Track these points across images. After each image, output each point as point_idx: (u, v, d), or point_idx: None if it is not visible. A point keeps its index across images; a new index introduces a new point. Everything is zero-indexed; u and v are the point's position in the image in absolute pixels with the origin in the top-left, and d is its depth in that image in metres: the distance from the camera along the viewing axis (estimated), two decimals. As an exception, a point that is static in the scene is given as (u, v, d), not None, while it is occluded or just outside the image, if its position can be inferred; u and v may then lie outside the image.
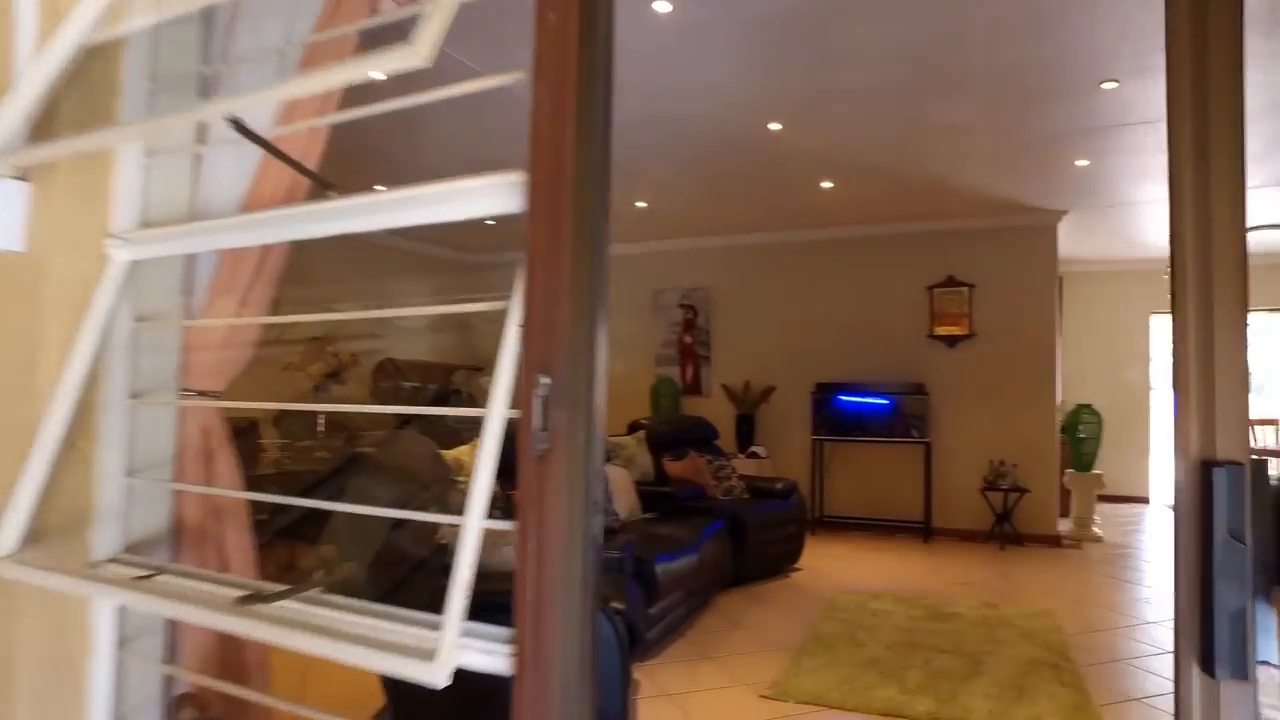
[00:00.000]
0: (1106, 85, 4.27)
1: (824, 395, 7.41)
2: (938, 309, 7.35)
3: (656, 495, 5.30)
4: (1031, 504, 6.85)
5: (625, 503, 5.07)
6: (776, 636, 4.38)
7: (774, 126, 4.94)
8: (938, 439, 7.22)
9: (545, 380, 1.05)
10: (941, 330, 7.33)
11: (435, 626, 1.08)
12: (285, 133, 1.64)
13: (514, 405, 1.09)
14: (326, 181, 1.44)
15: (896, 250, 7.54)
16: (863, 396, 7.29)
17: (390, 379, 8.32)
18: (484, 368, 9.23)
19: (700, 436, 6.41)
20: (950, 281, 7.32)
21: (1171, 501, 0.90)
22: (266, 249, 1.77)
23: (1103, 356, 9.56)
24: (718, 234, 8.08)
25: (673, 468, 5.81)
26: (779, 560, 5.75)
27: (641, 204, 6.95)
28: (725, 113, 4.71)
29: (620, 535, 4.51)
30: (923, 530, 7.10)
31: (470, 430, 5.23)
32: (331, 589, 1.36)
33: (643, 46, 3.88)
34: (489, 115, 4.67)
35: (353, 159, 5.37)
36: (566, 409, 1.06)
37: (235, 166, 1.73)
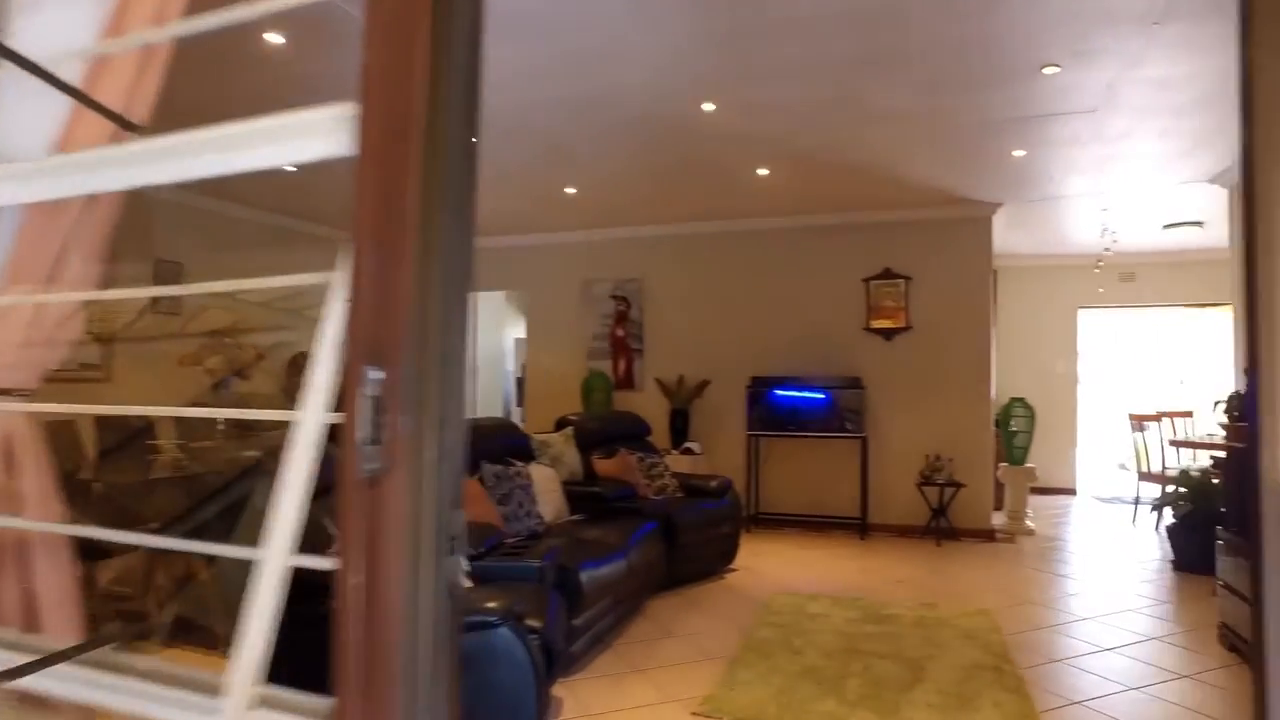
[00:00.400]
0: (1048, 70, 4.14)
1: (759, 389, 7.23)
2: (874, 302, 7.24)
3: (585, 496, 5.02)
4: (967, 498, 6.80)
5: (551, 505, 4.78)
6: (710, 644, 4.15)
7: (708, 107, 4.70)
8: (874, 433, 7.11)
9: (375, 374, 0.76)
10: (878, 323, 7.22)
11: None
12: (112, 50, 1.30)
13: (339, 408, 0.80)
14: (124, 120, 1.13)
15: (833, 242, 7.40)
16: (799, 391, 7.14)
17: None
18: (408, 362, 8.78)
19: (632, 433, 6.15)
20: (887, 274, 7.21)
21: (1245, 523, 0.68)
22: (83, 216, 1.43)
23: (1032, 350, 9.64)
24: (651, 223, 7.83)
25: (602, 466, 5.54)
26: (714, 560, 5.54)
27: (571, 190, 6.65)
28: (657, 87, 4.45)
29: (545, 540, 4.22)
30: (859, 526, 6.98)
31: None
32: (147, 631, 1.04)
33: (570, 7, 3.59)
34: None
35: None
36: (411, 414, 0.77)
37: (38, 109, 1.39)
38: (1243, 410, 5.15)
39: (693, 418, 7.60)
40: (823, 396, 7.07)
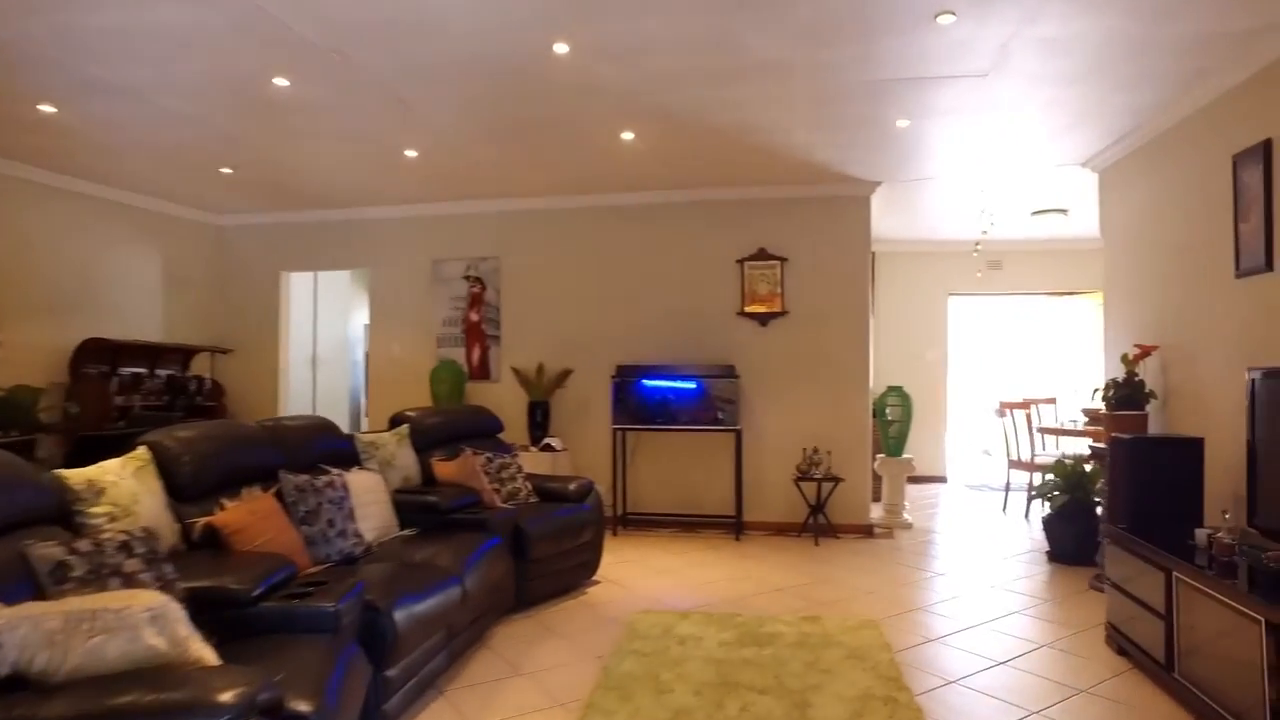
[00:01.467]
0: (943, 19, 3.67)
1: (626, 379, 6.62)
2: (749, 285, 6.76)
3: (418, 507, 4.24)
4: (845, 493, 6.43)
5: (376, 520, 3.96)
6: (563, 683, 3.48)
7: (560, 48, 3.99)
8: (749, 426, 6.64)
9: None
10: (753, 308, 6.75)
11: None
12: None
13: None
14: None
15: (705, 220, 6.86)
16: (669, 380, 6.57)
17: (98, 363, 6.65)
18: (233, 349, 7.68)
19: (481, 430, 5.40)
20: (762, 255, 6.74)
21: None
22: None
23: (905, 337, 9.49)
24: (508, 196, 7.05)
25: (443, 470, 4.76)
26: (573, 574, 4.87)
27: (411, 152, 5.79)
28: (490, 11, 3.70)
29: (361, 568, 3.42)
30: (734, 525, 6.49)
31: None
32: None
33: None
34: None
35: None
36: None
37: None
38: (1124, 397, 4.95)
39: (554, 411, 6.91)
40: (694, 386, 6.53)
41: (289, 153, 5.82)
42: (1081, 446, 8.50)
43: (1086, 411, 7.83)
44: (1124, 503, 4.14)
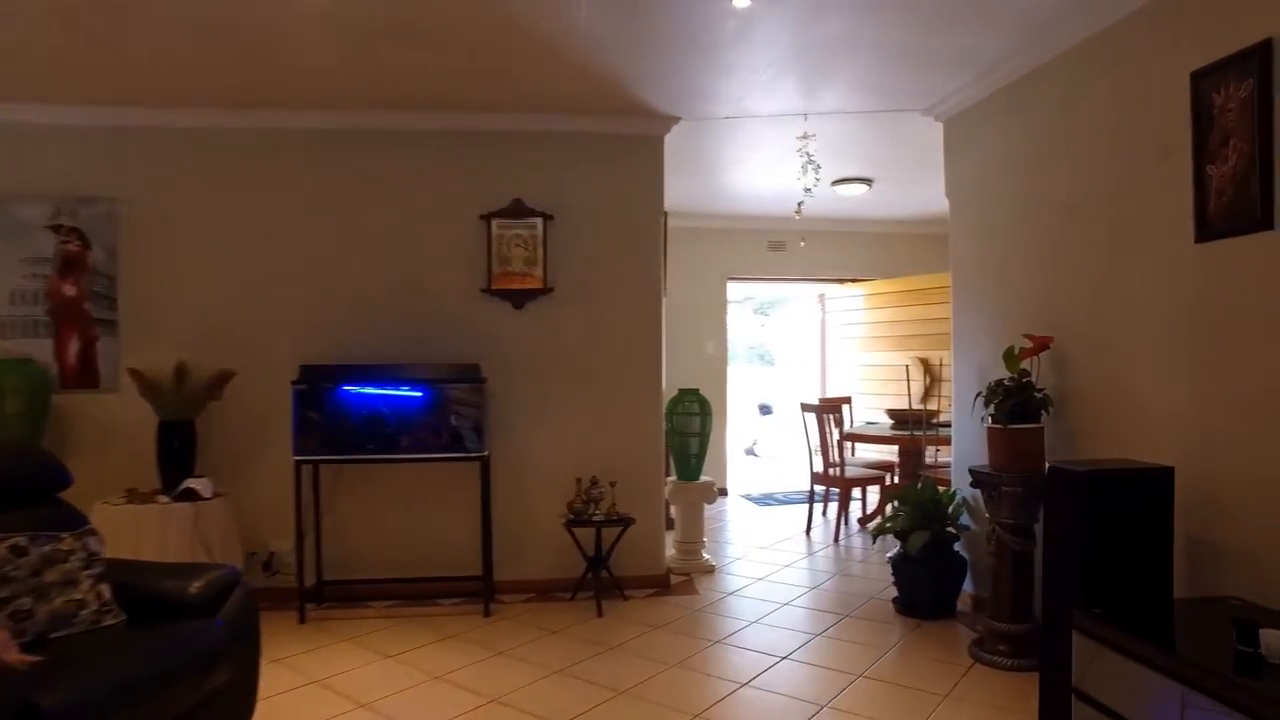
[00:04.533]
0: None
1: (317, 386, 4.42)
2: (500, 251, 4.83)
3: None
4: (636, 536, 4.73)
5: None
6: None
7: None
8: (502, 449, 4.73)
9: None
10: (505, 283, 4.83)
11: None
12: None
13: None
14: None
15: (437, 157, 4.83)
16: (382, 387, 4.47)
17: None
18: None
19: (21, 488, 2.99)
20: (518, 210, 4.84)
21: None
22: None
23: (687, 328, 8.05)
24: (129, 103, 4.52)
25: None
26: (189, 750, 2.67)
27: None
28: None
29: None
30: (483, 591, 4.53)
31: None
32: None
33: None
34: None
35: None
36: None
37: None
38: (1017, 406, 3.68)
39: (205, 436, 4.51)
40: (420, 396, 4.49)
41: None
42: (885, 455, 7.58)
43: (893, 414, 6.83)
44: (1085, 566, 2.79)
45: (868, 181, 6.62)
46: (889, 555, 4.57)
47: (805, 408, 6.54)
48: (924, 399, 8.02)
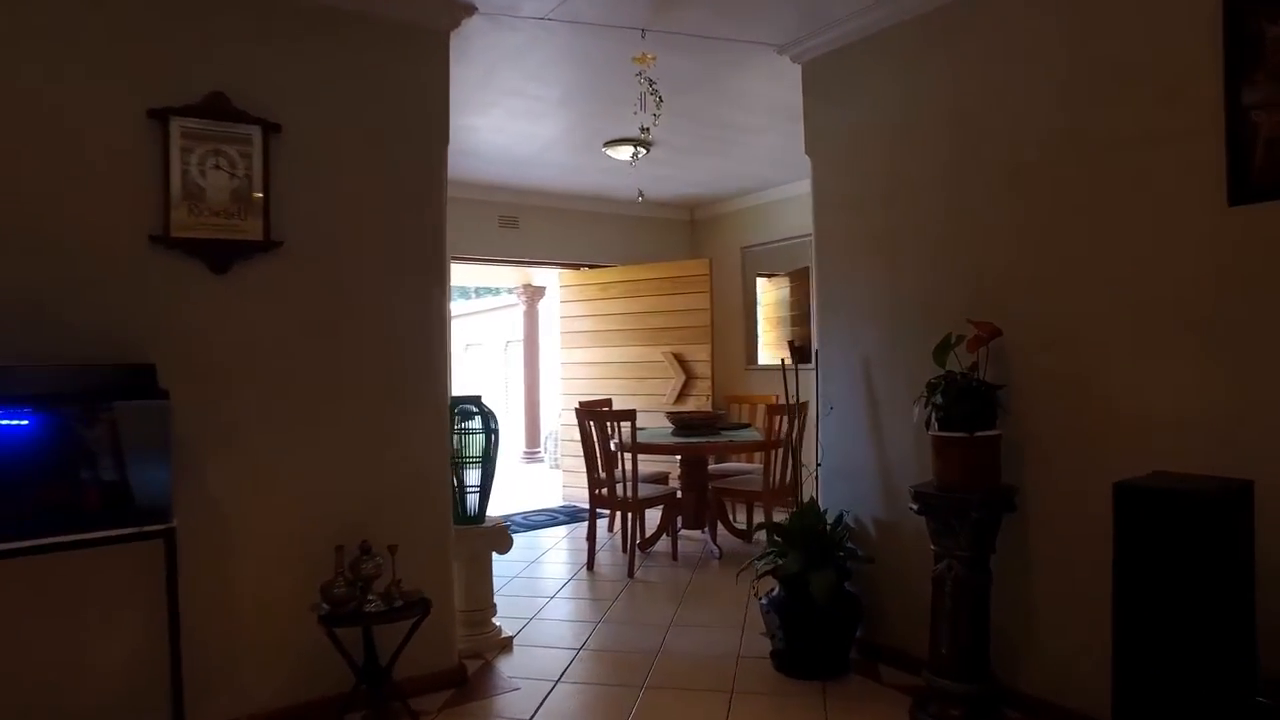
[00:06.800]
0: None
1: None
2: (190, 174, 2.89)
3: None
4: (426, 625, 3.11)
5: None
6: None
7: None
8: (200, 511, 2.82)
9: None
10: (197, 230, 2.89)
11: None
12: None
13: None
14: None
15: (68, 11, 2.74)
16: (-45, 416, 2.35)
17: None
18: None
19: None
20: (220, 109, 2.93)
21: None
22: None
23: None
24: None
25: None
26: None
27: None
28: None
29: None
30: (163, 757, 2.61)
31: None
32: None
33: None
34: None
35: None
36: None
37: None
38: (969, 410, 2.86)
39: None
40: (26, 424, 2.44)
41: None
42: (662, 465, 6.64)
43: (675, 417, 5.91)
44: (1139, 629, 1.98)
45: (646, 145, 5.59)
46: (762, 599, 3.55)
47: (586, 413, 5.32)
48: (677, 399, 7.28)
